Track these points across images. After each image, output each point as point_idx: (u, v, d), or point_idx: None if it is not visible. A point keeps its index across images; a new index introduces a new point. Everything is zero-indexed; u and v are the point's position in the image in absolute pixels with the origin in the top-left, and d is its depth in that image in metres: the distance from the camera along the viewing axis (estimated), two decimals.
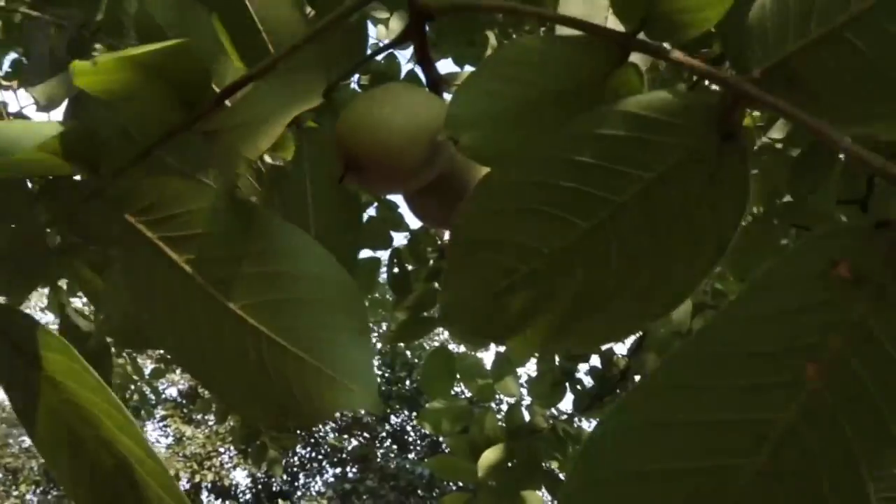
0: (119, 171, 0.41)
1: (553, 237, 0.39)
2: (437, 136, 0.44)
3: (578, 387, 2.71)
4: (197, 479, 9.82)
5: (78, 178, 0.47)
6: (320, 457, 11.32)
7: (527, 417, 2.51)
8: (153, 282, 0.38)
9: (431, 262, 1.95)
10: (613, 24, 0.45)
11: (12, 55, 1.70)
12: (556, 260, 0.40)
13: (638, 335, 2.31)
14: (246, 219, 0.37)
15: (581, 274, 0.40)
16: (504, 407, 2.64)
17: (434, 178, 0.47)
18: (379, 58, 1.65)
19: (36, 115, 1.14)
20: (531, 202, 0.39)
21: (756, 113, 1.42)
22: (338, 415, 0.40)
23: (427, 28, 0.50)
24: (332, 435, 11.13)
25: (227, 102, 0.43)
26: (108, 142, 0.44)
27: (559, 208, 0.39)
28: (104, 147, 0.43)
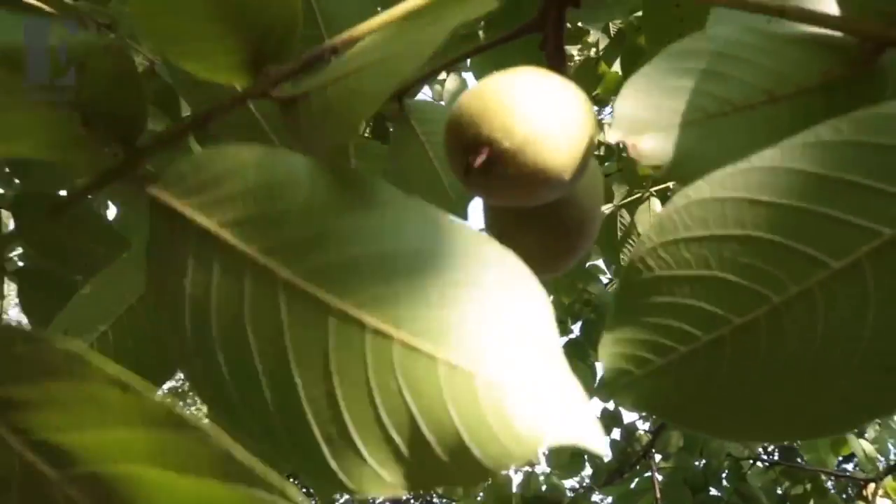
0: (160, 143, 0.29)
1: (782, 283, 0.27)
2: (587, 140, 0.32)
3: (598, 460, 2.54)
4: None
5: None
6: None
7: (543, 487, 2.34)
8: (202, 289, 0.25)
9: None
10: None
11: None
12: (767, 321, 0.27)
13: None
14: (354, 188, 0.25)
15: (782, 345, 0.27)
16: (519, 475, 2.47)
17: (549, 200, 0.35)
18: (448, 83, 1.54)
19: None
20: (744, 228, 0.27)
21: None
22: None
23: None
24: None
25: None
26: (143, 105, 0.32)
27: (795, 239, 0.26)
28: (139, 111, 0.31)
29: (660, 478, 2.26)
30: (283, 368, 0.24)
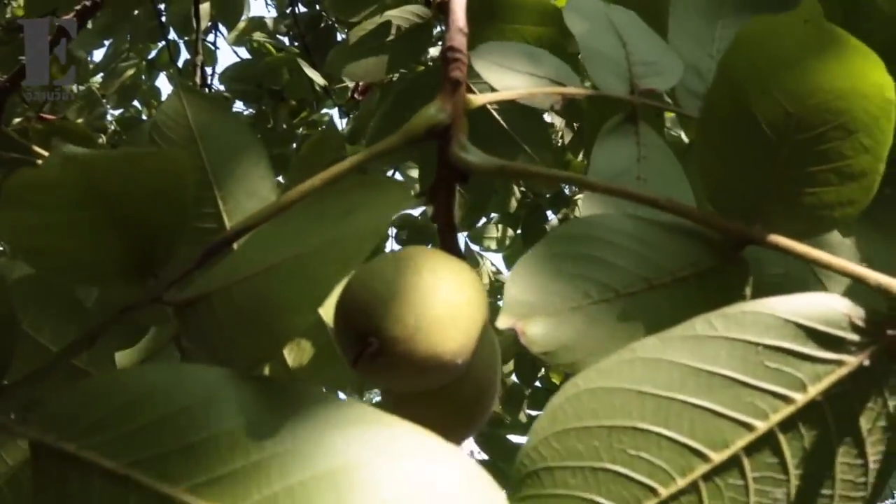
0: (35, 378, 0.26)
1: (668, 476, 0.27)
2: (479, 320, 0.32)
3: None
4: None
5: None
6: None
7: None
8: None
9: None
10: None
11: None
12: None
13: None
14: (283, 400, 0.23)
15: None
16: None
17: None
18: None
19: None
20: (631, 419, 0.27)
21: None
22: None
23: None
24: None
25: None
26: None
27: (679, 431, 0.27)
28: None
29: None
30: None
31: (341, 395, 0.43)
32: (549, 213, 1.73)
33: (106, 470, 0.23)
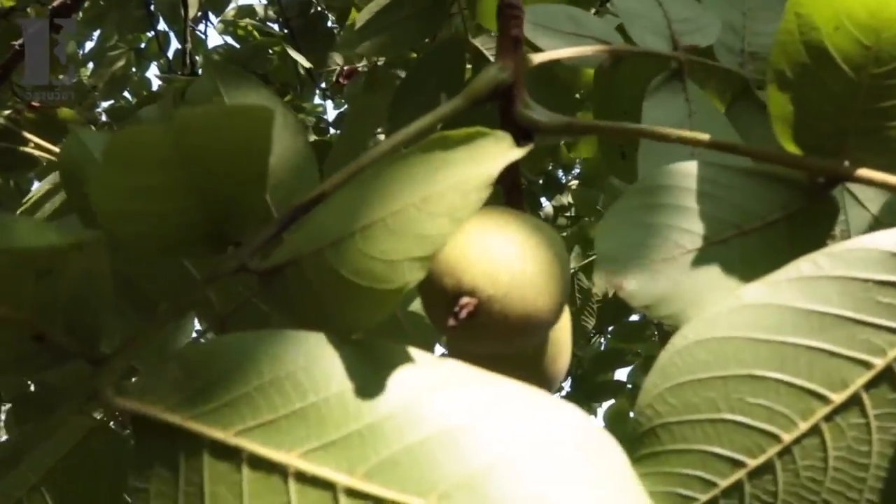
0: (130, 347, 0.25)
1: (790, 421, 0.26)
2: (566, 277, 0.31)
3: None
4: None
5: None
6: None
7: None
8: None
9: None
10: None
11: None
12: (781, 460, 0.27)
13: None
14: (385, 362, 0.22)
15: None
16: None
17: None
18: None
19: None
20: (746, 366, 0.27)
21: None
22: None
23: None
24: None
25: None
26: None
27: (796, 374, 0.26)
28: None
29: None
30: None
31: None
32: (542, 199, 1.72)
33: (215, 441, 0.22)
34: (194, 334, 0.47)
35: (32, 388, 0.72)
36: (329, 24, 1.59)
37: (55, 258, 0.24)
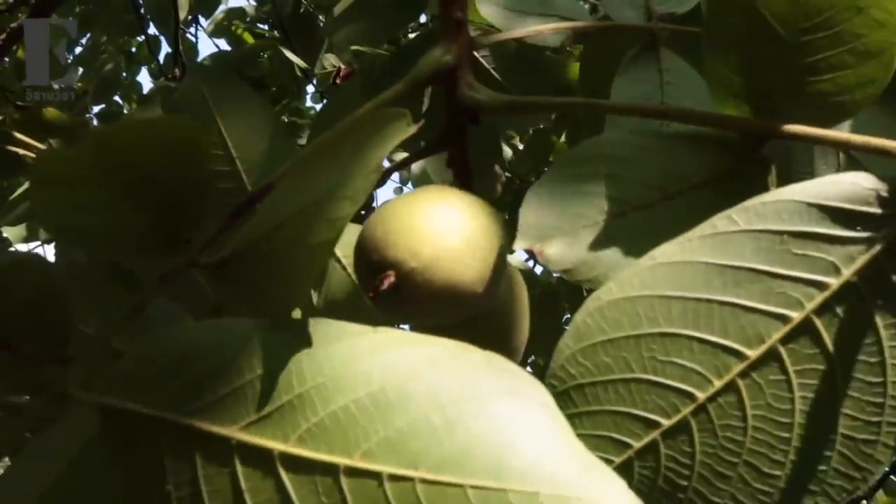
0: (92, 347, 0.28)
1: (701, 378, 0.26)
2: (496, 249, 0.31)
3: None
4: None
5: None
6: None
7: None
8: (189, 488, 0.23)
9: None
10: None
11: None
12: (696, 418, 0.26)
13: None
14: (316, 338, 0.24)
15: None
16: None
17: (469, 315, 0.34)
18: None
19: None
20: (658, 325, 0.26)
21: None
22: None
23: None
24: None
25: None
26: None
27: (709, 331, 0.26)
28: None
29: None
30: None
31: None
32: None
33: (169, 422, 0.24)
34: None
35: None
36: (319, 24, 1.61)
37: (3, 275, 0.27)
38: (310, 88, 1.93)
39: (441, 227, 0.30)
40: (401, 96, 0.35)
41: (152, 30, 1.85)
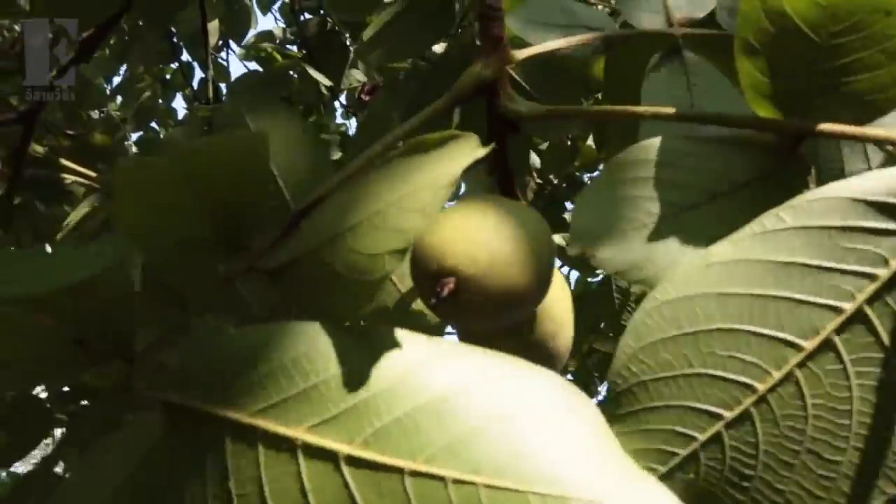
0: (160, 345, 0.29)
1: (760, 370, 0.27)
2: (548, 255, 0.33)
3: None
4: None
5: None
6: None
7: None
8: (253, 485, 0.24)
9: None
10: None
11: None
12: (757, 409, 0.27)
13: None
14: (376, 345, 0.25)
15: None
16: None
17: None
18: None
19: None
20: (715, 321, 0.27)
21: None
22: None
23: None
24: None
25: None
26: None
27: (765, 325, 0.27)
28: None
29: None
30: None
31: None
32: (567, 203, 1.70)
33: (233, 421, 0.25)
34: None
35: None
36: (345, 41, 1.64)
37: (89, 285, 0.28)
38: (337, 105, 1.96)
39: (495, 234, 0.31)
40: (443, 110, 0.37)
41: (185, 56, 1.88)
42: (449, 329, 0.42)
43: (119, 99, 2.01)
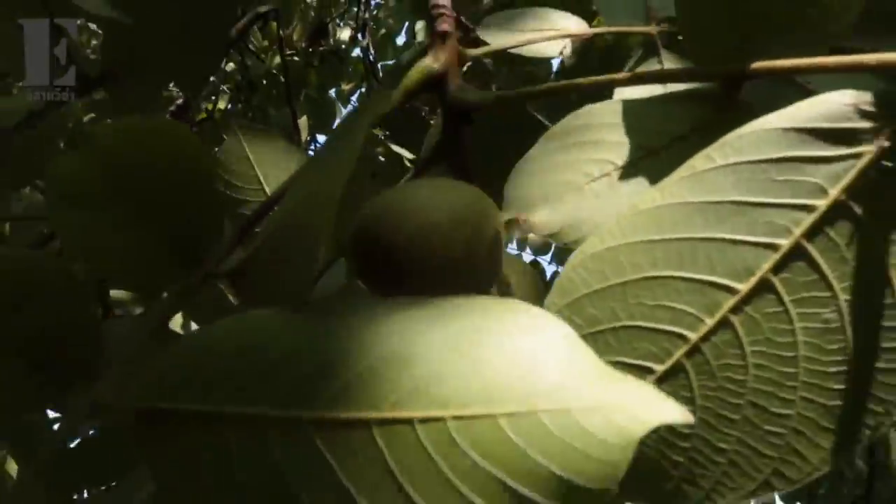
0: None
1: (692, 318, 0.25)
2: (488, 227, 0.32)
3: None
4: None
5: None
6: None
7: None
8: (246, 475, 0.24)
9: None
10: None
11: None
12: (690, 360, 0.25)
13: None
14: (327, 314, 0.25)
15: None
16: None
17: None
18: None
19: None
20: (642, 270, 0.25)
21: None
22: None
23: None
24: None
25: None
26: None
27: (695, 269, 0.25)
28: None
29: None
30: None
31: None
32: None
33: (237, 415, 0.24)
34: None
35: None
36: (422, 111, 1.71)
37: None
38: None
39: (423, 205, 0.30)
40: (399, 105, 0.37)
41: None
42: None
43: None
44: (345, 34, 2.25)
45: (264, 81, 2.07)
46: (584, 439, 0.20)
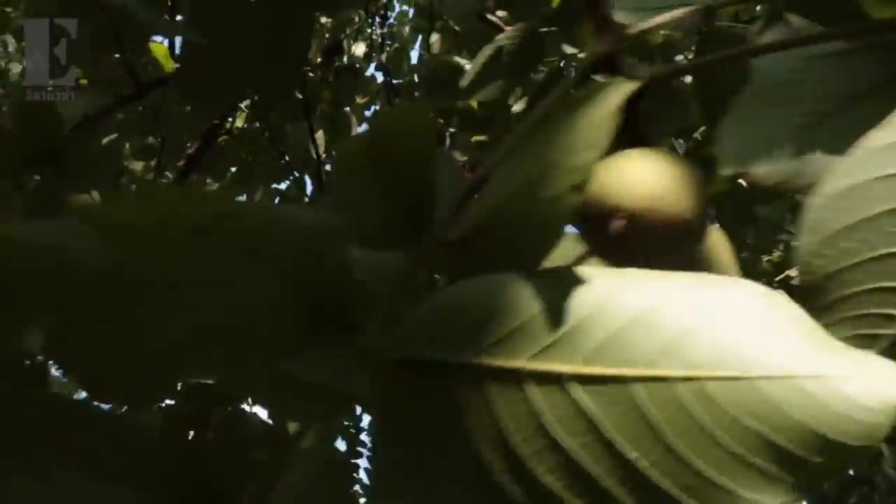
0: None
1: None
2: (703, 194, 0.34)
3: None
4: None
5: None
6: None
7: None
8: (489, 426, 0.27)
9: None
10: None
11: None
12: None
13: None
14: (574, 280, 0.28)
15: None
16: None
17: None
18: None
19: None
20: (889, 202, 0.28)
21: None
22: None
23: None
24: None
25: None
26: None
27: None
28: None
29: None
30: (615, 458, 0.25)
31: None
32: None
33: (462, 365, 0.27)
34: None
35: None
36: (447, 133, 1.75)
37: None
38: None
39: (651, 173, 0.33)
40: (574, 86, 0.39)
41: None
42: None
43: None
44: (359, 49, 2.30)
45: None
46: (844, 403, 0.23)
